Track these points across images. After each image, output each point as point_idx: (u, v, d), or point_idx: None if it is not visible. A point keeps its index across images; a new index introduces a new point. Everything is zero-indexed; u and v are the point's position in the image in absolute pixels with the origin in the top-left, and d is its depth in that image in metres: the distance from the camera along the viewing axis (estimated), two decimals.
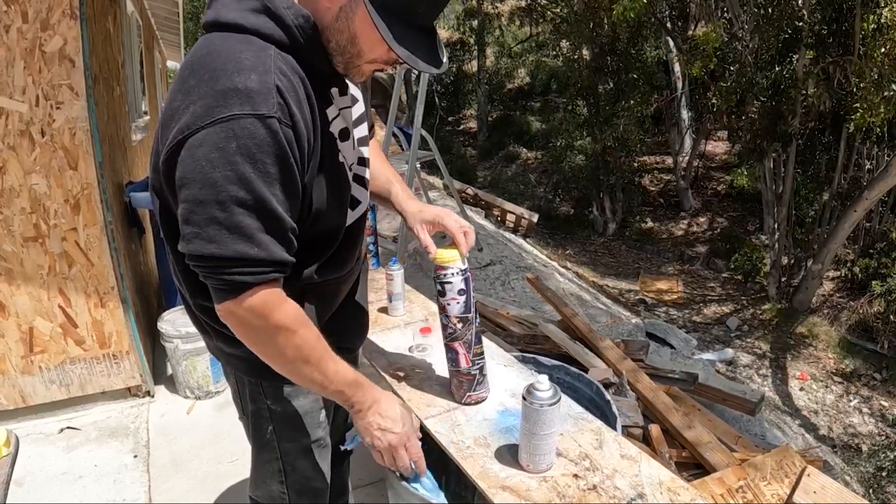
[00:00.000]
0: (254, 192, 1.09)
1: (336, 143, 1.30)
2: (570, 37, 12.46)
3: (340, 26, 1.17)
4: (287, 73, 1.14)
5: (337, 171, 1.31)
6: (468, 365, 1.60)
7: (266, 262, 1.13)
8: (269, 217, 1.12)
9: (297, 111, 1.13)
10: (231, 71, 1.09)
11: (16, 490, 2.78)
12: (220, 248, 1.09)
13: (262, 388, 1.46)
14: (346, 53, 1.21)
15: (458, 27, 19.69)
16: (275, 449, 1.52)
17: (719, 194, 13.76)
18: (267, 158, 1.09)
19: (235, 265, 1.11)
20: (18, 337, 3.06)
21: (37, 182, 2.88)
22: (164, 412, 3.36)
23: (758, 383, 7.64)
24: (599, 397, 2.23)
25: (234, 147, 1.07)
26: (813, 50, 8.14)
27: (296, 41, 1.17)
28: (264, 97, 1.08)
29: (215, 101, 1.07)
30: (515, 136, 17.73)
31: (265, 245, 1.12)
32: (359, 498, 2.72)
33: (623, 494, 1.35)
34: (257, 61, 1.11)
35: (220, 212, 1.08)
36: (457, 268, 1.52)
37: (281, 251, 1.15)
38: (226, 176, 1.07)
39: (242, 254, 1.10)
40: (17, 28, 2.68)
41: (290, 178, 1.14)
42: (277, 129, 1.09)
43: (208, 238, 1.09)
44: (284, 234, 1.16)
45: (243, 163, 1.07)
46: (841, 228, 8.50)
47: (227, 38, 1.15)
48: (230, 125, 1.07)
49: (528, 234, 10.04)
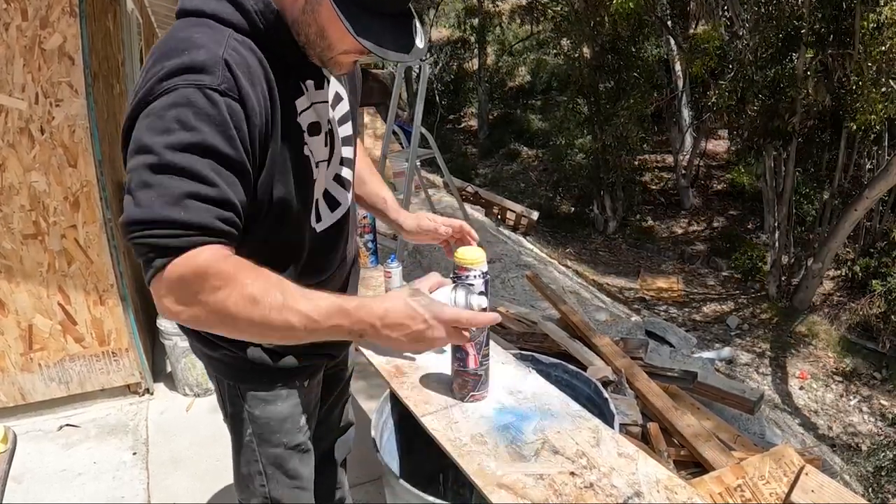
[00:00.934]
0: (186, 158, 1.04)
1: (302, 136, 1.27)
2: (570, 35, 12.46)
3: (307, 19, 1.15)
4: (241, 51, 1.12)
5: (300, 163, 1.27)
6: (476, 366, 1.60)
7: (193, 226, 1.05)
8: (201, 182, 1.06)
9: (249, 88, 1.10)
10: (182, 49, 1.09)
11: (15, 487, 2.78)
12: (146, 211, 1.03)
13: (239, 392, 1.45)
14: (317, 47, 1.19)
15: (459, 25, 19.67)
16: (254, 451, 1.50)
17: (720, 193, 13.76)
18: (205, 127, 1.05)
19: (160, 227, 1.04)
20: (18, 334, 3.06)
21: (36, 179, 2.88)
22: (164, 409, 3.36)
23: (757, 382, 7.65)
24: (597, 395, 2.23)
25: (172, 115, 1.05)
26: (813, 48, 8.14)
27: (255, 26, 1.16)
28: (210, 69, 1.07)
29: (164, 76, 1.07)
30: (516, 135, 17.72)
31: (192, 208, 1.04)
32: (357, 496, 2.72)
33: (620, 493, 1.34)
34: (209, 40, 1.11)
35: (150, 175, 1.04)
36: (479, 270, 1.50)
37: (210, 218, 1.06)
38: (159, 141, 1.04)
39: (167, 216, 1.03)
40: (16, 25, 2.68)
41: (234, 149, 1.09)
42: (219, 100, 1.06)
43: (138, 202, 1.04)
44: (218, 202, 1.08)
45: (179, 129, 1.04)
46: (841, 227, 8.49)
47: (188, 23, 1.15)
48: (172, 95, 1.05)
49: (529, 232, 10.04)
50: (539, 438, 1.51)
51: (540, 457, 1.45)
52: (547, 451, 1.46)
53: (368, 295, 2.34)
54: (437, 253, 6.28)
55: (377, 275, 2.49)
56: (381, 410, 2.03)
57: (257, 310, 1.09)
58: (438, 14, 20.40)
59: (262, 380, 1.44)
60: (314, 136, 1.31)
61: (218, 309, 1.09)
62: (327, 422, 1.80)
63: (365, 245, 2.56)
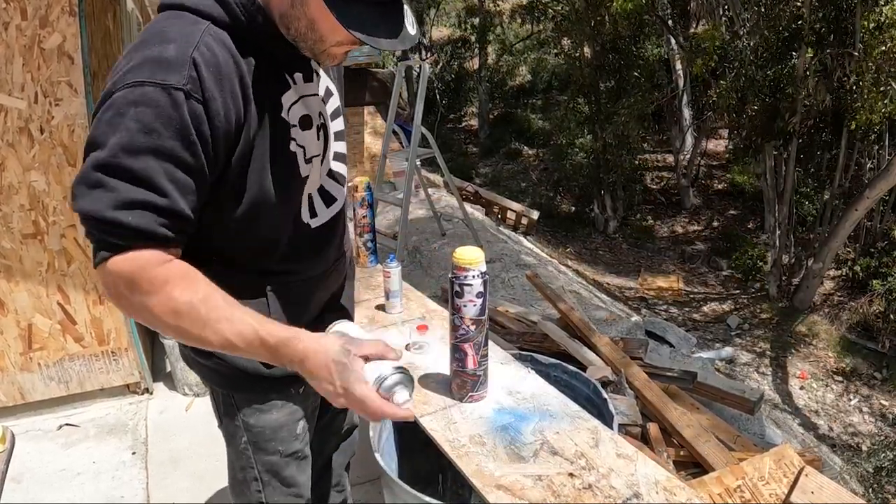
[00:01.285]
0: (142, 163, 1.05)
1: (288, 132, 1.25)
2: (571, 34, 12.46)
3: (296, 13, 1.14)
4: (214, 48, 1.10)
5: (284, 157, 1.26)
6: (475, 366, 1.60)
7: (138, 231, 1.06)
8: (153, 190, 1.06)
9: (214, 88, 1.08)
10: (153, 42, 1.08)
11: (14, 487, 2.78)
12: (99, 210, 1.05)
13: (234, 400, 1.44)
14: (308, 39, 1.17)
15: (460, 25, 19.67)
16: (250, 459, 1.49)
17: (720, 192, 13.76)
18: (164, 131, 1.05)
19: (109, 227, 1.06)
20: (17, 334, 3.07)
21: (36, 179, 2.88)
22: (163, 409, 3.36)
23: (757, 382, 7.64)
24: (596, 396, 2.23)
25: (132, 113, 1.04)
26: (813, 48, 8.14)
27: (236, 19, 1.14)
28: (177, 68, 1.05)
29: (131, 68, 1.06)
30: (516, 134, 17.71)
31: (140, 216, 1.06)
32: (357, 496, 2.72)
33: (619, 494, 1.34)
34: (182, 33, 1.09)
35: (103, 175, 1.04)
36: (478, 270, 1.50)
37: (154, 226, 1.08)
38: (118, 142, 1.04)
39: (115, 219, 1.05)
40: (15, 25, 2.68)
41: (193, 156, 1.09)
42: (182, 102, 1.05)
43: (91, 198, 1.05)
44: (168, 212, 1.09)
45: (137, 131, 1.04)
46: (842, 227, 8.49)
47: (165, 17, 1.14)
48: (135, 91, 1.04)
49: (529, 231, 10.03)
50: (538, 439, 1.50)
51: (539, 458, 1.45)
52: (546, 452, 1.46)
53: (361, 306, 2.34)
54: (437, 252, 6.27)
55: (377, 274, 2.49)
56: None
57: (180, 322, 1.11)
58: (439, 13, 20.41)
59: (255, 388, 1.43)
60: (306, 131, 1.30)
61: (144, 312, 1.12)
62: (331, 426, 1.79)
63: (364, 245, 2.56)
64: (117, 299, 1.14)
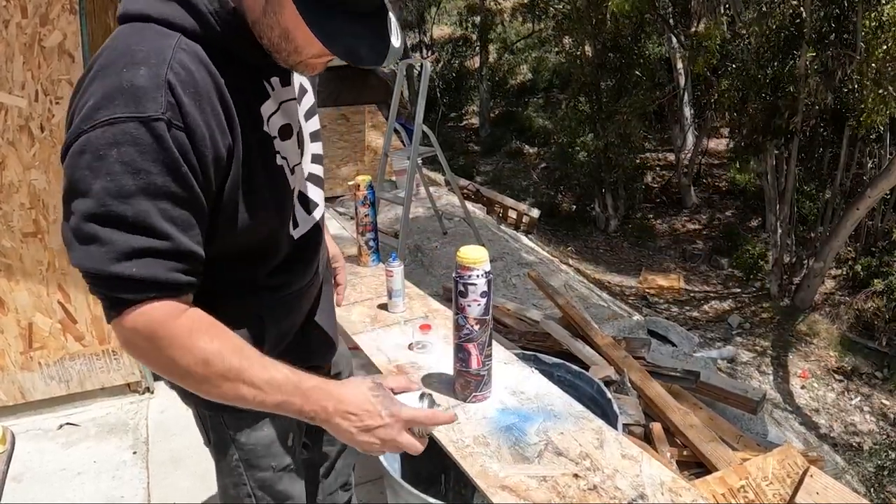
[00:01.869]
0: (135, 207, 0.97)
1: (272, 144, 1.18)
2: (572, 33, 12.45)
3: (270, 21, 1.04)
4: (188, 65, 1.01)
5: (272, 173, 1.19)
6: (479, 366, 1.59)
7: (146, 282, 1.00)
8: (153, 235, 1.00)
9: (195, 111, 1.00)
10: (121, 66, 0.98)
11: (14, 486, 2.78)
12: (99, 266, 0.98)
13: (223, 420, 1.39)
14: (283, 50, 1.08)
15: (461, 23, 19.67)
16: (242, 475, 1.46)
17: (721, 191, 13.75)
18: (152, 168, 0.97)
19: (114, 283, 1.00)
20: (18, 333, 3.06)
21: (36, 177, 2.87)
22: (164, 408, 3.35)
23: (759, 381, 7.64)
24: (601, 396, 2.22)
25: (114, 155, 0.95)
26: (814, 47, 8.13)
27: (211, 29, 1.04)
28: (151, 95, 0.96)
29: (100, 101, 0.97)
30: (517, 133, 17.71)
31: (144, 265, 1.00)
32: (358, 495, 2.71)
33: (624, 495, 1.33)
34: (151, 52, 0.99)
35: (99, 227, 0.97)
36: (482, 269, 1.49)
37: (165, 272, 1.02)
38: (105, 188, 0.96)
39: (119, 273, 0.98)
40: (16, 23, 2.67)
41: (186, 189, 1.01)
42: (164, 134, 0.97)
43: (88, 254, 0.98)
44: (173, 254, 1.02)
45: (124, 173, 0.96)
46: (843, 226, 8.48)
47: (130, 30, 1.04)
48: (112, 129, 0.96)
49: (530, 230, 10.02)
50: (542, 440, 1.50)
51: (543, 458, 1.44)
52: (550, 453, 1.45)
53: (363, 305, 2.33)
54: (439, 251, 6.27)
55: (379, 274, 2.48)
56: None
57: (209, 371, 1.06)
58: (440, 11, 20.41)
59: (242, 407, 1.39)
60: (286, 140, 1.23)
61: (170, 366, 1.07)
62: None
63: (366, 243, 2.55)
64: (138, 355, 1.09)
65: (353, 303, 2.28)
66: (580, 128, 12.96)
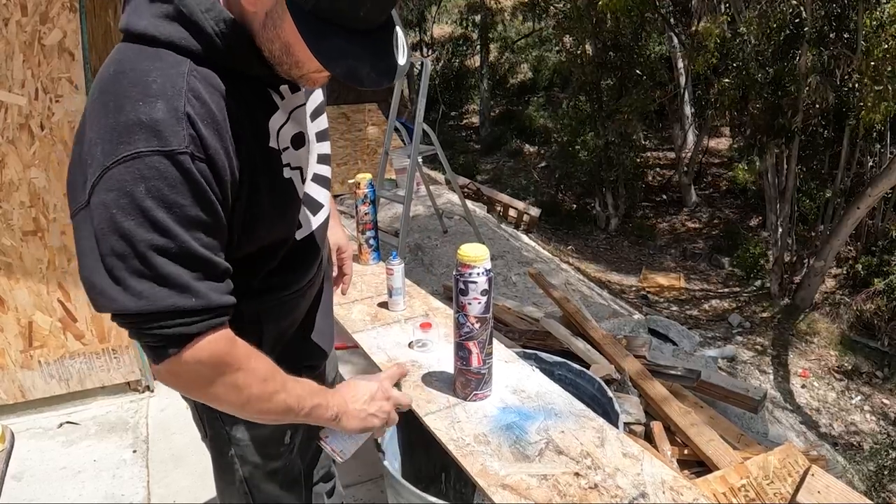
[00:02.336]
0: (175, 239, 0.97)
1: (279, 159, 1.17)
2: (572, 32, 12.43)
3: (270, 35, 1.02)
4: (202, 94, 1.00)
5: (279, 188, 1.18)
6: (479, 364, 1.59)
7: (206, 310, 1.02)
8: (198, 262, 1.00)
9: (215, 142, 1.00)
10: (136, 98, 0.96)
11: (14, 485, 2.78)
12: (151, 303, 0.97)
13: (219, 415, 1.39)
14: (284, 64, 1.06)
15: (461, 22, 19.65)
16: (238, 472, 1.47)
17: (721, 190, 13.74)
18: (183, 200, 0.97)
19: (171, 318, 1.00)
20: (18, 331, 3.05)
21: (36, 176, 2.87)
22: (164, 407, 3.35)
23: (759, 380, 7.63)
24: (601, 394, 2.22)
25: (142, 191, 0.94)
26: (815, 47, 8.12)
27: (216, 50, 1.02)
28: (173, 129, 0.95)
29: (119, 137, 0.95)
30: (518, 132, 17.69)
31: (202, 293, 1.01)
32: (358, 494, 2.71)
33: (625, 494, 1.33)
34: (166, 84, 0.97)
35: (142, 264, 0.96)
36: (482, 267, 1.48)
37: (219, 296, 1.04)
38: (140, 223, 0.95)
39: (176, 306, 0.99)
40: (16, 21, 2.67)
41: (213, 216, 1.02)
42: (190, 167, 0.96)
43: (136, 294, 0.97)
44: (219, 277, 1.05)
45: (157, 208, 0.95)
46: (843, 225, 8.48)
47: (139, 54, 1.01)
48: (136, 165, 0.94)
49: (531, 229, 10.02)
50: (543, 438, 1.49)
51: (544, 457, 1.43)
52: (551, 451, 1.45)
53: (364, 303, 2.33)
54: (439, 250, 6.26)
55: (379, 272, 2.47)
56: None
57: (265, 388, 1.14)
58: (440, 10, 20.39)
59: None
60: (300, 149, 1.23)
61: (232, 391, 1.12)
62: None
63: (367, 242, 2.54)
64: (199, 387, 1.11)
65: (354, 301, 2.27)
66: (581, 127, 12.95)
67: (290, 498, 1.55)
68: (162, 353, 1.03)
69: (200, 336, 1.03)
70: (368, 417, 1.36)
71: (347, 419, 1.32)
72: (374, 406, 1.36)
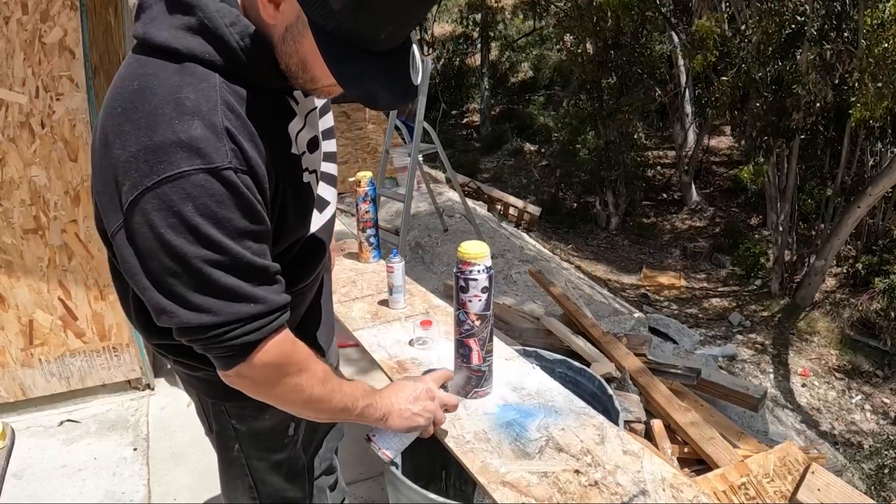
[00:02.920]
0: (228, 252, 0.98)
1: (300, 164, 1.18)
2: (573, 31, 12.42)
3: (288, 49, 1.02)
4: (236, 107, 1.00)
5: (300, 192, 1.19)
6: (479, 362, 1.59)
7: (268, 313, 1.05)
8: (252, 271, 1.03)
9: (254, 152, 1.01)
10: (170, 116, 0.95)
11: (15, 483, 2.78)
12: (216, 316, 1.00)
13: (224, 409, 1.41)
14: (299, 78, 1.06)
15: (462, 21, 19.63)
16: (243, 465, 1.48)
17: (722, 189, 13.73)
18: (231, 214, 0.98)
19: (237, 327, 1.02)
20: (18, 329, 3.05)
21: (37, 174, 2.87)
22: (165, 405, 3.35)
23: (759, 379, 7.63)
24: (602, 392, 2.22)
25: (191, 209, 0.94)
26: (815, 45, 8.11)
27: (240, 64, 1.02)
28: (214, 146, 0.96)
29: (157, 157, 0.94)
30: (519, 130, 17.68)
31: (260, 298, 1.04)
32: (359, 492, 2.71)
33: (625, 491, 1.33)
34: (199, 99, 0.97)
35: (199, 279, 0.98)
36: (483, 265, 1.49)
37: (276, 296, 1.07)
38: (191, 241, 0.96)
39: (241, 314, 1.01)
40: (16, 19, 2.67)
41: (260, 223, 1.04)
42: (235, 181, 0.97)
43: (197, 308, 0.99)
44: (272, 279, 1.07)
45: (206, 224, 0.96)
46: (844, 224, 8.47)
47: (163, 69, 1.00)
48: (181, 184, 0.94)
49: (531, 227, 10.02)
50: (543, 436, 1.49)
51: (544, 454, 1.44)
52: (551, 449, 1.45)
53: (364, 301, 2.33)
54: (439, 248, 6.26)
55: (380, 270, 2.48)
56: None
57: (325, 387, 1.20)
58: (441, 9, 20.38)
59: (246, 396, 1.40)
60: (315, 153, 1.24)
61: (295, 391, 1.16)
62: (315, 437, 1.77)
63: (367, 240, 2.55)
64: (266, 388, 1.15)
65: (354, 299, 2.27)
66: (581, 125, 12.95)
67: (294, 490, 1.56)
68: (232, 361, 1.07)
69: (267, 339, 1.07)
70: (413, 417, 1.38)
71: (393, 419, 1.36)
72: (418, 406, 1.39)
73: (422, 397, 1.41)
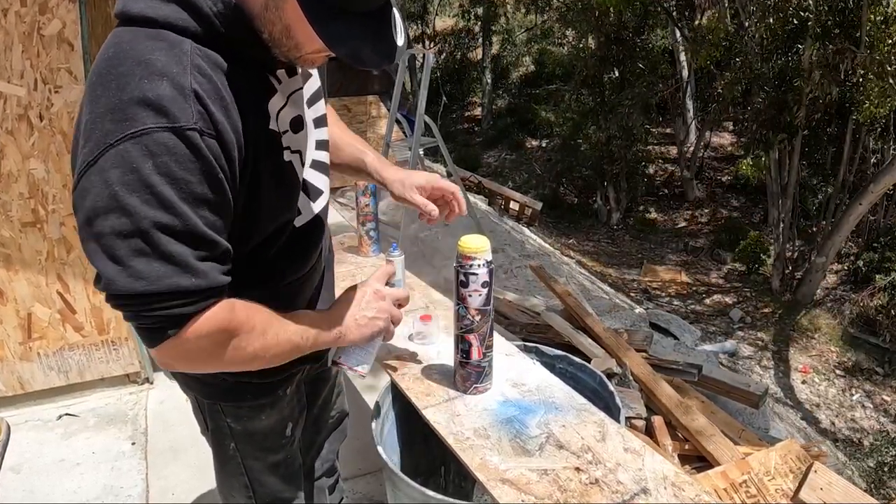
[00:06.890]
0: (180, 217, 0.94)
1: (279, 141, 1.16)
2: (575, 25, 12.41)
3: (271, 17, 1.02)
4: (207, 72, 0.99)
5: (282, 170, 1.17)
6: (479, 357, 1.57)
7: (205, 290, 1.00)
8: (201, 241, 0.98)
9: (223, 117, 0.99)
10: (139, 76, 0.94)
11: (13, 477, 2.77)
12: (151, 284, 0.94)
13: (220, 408, 1.39)
14: (283, 46, 1.05)
15: (463, 15, 19.61)
16: (239, 465, 1.46)
17: (724, 185, 13.72)
18: (191, 177, 0.95)
19: (170, 298, 0.97)
20: (17, 323, 3.04)
21: (35, 167, 2.86)
22: (163, 399, 3.34)
23: (759, 375, 7.63)
24: (602, 388, 2.20)
25: (150, 167, 0.92)
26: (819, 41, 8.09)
27: (215, 31, 1.01)
28: (180, 106, 0.94)
29: (123, 115, 0.92)
30: (520, 125, 17.67)
31: (202, 272, 0.99)
32: (357, 487, 2.71)
33: (626, 489, 1.32)
34: (169, 62, 0.96)
35: (144, 242, 0.93)
36: (483, 259, 1.47)
37: (217, 275, 1.02)
38: (146, 200, 0.92)
39: (179, 286, 0.96)
40: (15, 11, 2.65)
41: (220, 194, 1.00)
42: (199, 143, 0.95)
43: (135, 274, 0.94)
44: (219, 257, 1.03)
45: (163, 184, 0.93)
46: (846, 221, 8.47)
47: (136, 35, 0.99)
48: (143, 141, 0.92)
49: (532, 222, 10.01)
50: (543, 432, 1.48)
51: (544, 451, 1.42)
52: (551, 446, 1.44)
53: None
54: (439, 242, 6.25)
55: (379, 264, 2.46)
56: (382, 402, 2.01)
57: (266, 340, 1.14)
58: (443, 3, 20.36)
59: (243, 396, 1.37)
60: (299, 133, 1.22)
61: (241, 356, 1.12)
62: (321, 417, 1.76)
63: (367, 233, 2.53)
64: (201, 360, 1.11)
65: None
66: (583, 120, 12.93)
67: (291, 491, 1.55)
68: (160, 334, 1.01)
69: (197, 315, 1.02)
70: (371, 322, 1.35)
71: (351, 332, 1.32)
72: (371, 310, 1.36)
73: (372, 300, 1.37)
